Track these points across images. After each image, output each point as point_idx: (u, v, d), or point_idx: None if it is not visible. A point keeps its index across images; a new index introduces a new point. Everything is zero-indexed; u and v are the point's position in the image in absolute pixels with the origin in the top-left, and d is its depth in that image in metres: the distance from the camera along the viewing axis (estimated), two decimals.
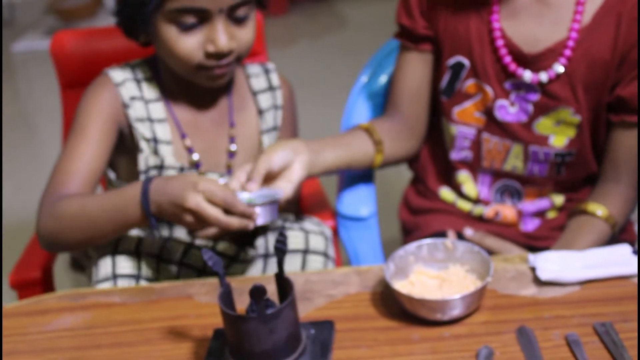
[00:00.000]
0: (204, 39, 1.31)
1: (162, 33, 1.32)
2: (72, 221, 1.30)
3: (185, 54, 1.32)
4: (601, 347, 1.04)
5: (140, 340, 1.15)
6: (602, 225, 1.42)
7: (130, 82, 1.41)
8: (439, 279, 1.18)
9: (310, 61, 4.10)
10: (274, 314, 1.02)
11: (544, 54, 1.41)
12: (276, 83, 1.50)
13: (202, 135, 1.44)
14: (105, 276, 1.35)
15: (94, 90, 1.41)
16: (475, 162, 1.54)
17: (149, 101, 1.41)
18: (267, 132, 1.48)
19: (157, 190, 1.24)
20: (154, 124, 1.40)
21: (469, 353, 1.06)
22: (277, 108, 1.50)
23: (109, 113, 1.39)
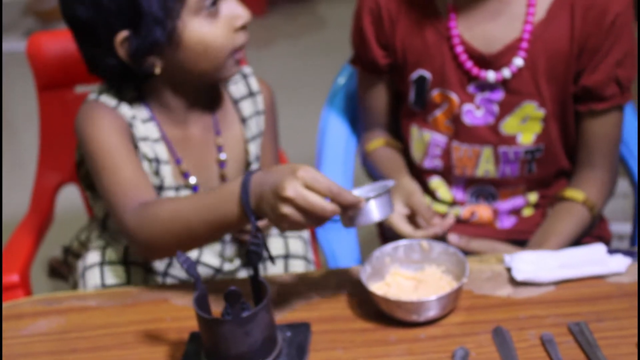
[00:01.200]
0: (227, 18, 1.28)
1: (193, 33, 1.25)
2: (165, 226, 1.20)
3: (222, 41, 1.28)
4: (575, 347, 1.05)
5: (115, 344, 1.15)
6: (580, 209, 1.46)
7: (123, 103, 1.34)
8: (415, 280, 1.19)
9: (290, 61, 4.10)
10: (249, 317, 1.02)
11: (502, 52, 1.43)
12: (255, 88, 1.48)
13: (192, 150, 1.40)
14: (94, 287, 1.34)
15: (93, 114, 1.33)
16: (447, 171, 1.56)
17: (143, 121, 1.36)
18: (252, 139, 1.46)
19: (257, 182, 1.11)
20: (154, 144, 1.36)
21: (445, 354, 1.06)
22: (259, 114, 1.48)
23: (121, 128, 1.32)
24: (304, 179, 1.05)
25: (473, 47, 1.44)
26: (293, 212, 1.05)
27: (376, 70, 1.57)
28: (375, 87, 1.60)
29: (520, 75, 1.44)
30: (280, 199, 1.05)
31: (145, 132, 1.34)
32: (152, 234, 1.21)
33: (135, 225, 1.23)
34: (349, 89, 1.75)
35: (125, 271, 1.36)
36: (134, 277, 1.37)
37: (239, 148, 1.45)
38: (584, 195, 1.46)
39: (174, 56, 1.28)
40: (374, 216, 1.10)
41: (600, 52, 1.41)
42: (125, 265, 1.37)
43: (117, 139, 1.30)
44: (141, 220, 1.22)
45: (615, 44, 1.40)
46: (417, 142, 1.56)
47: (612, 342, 1.04)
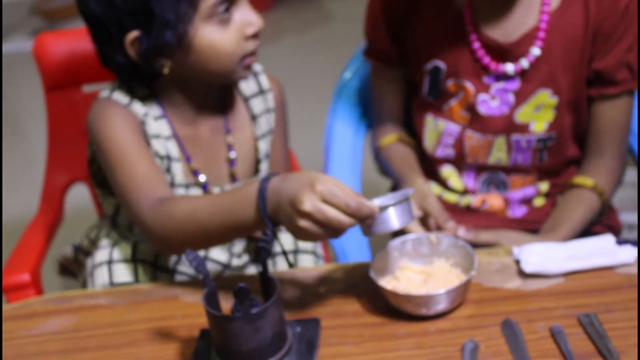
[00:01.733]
0: (239, 25, 1.27)
1: (204, 39, 1.25)
2: (180, 225, 1.20)
3: (232, 48, 1.27)
4: (585, 338, 1.05)
5: (126, 342, 1.15)
6: (590, 195, 1.48)
7: (135, 100, 1.34)
8: (423, 274, 1.19)
9: (296, 56, 4.10)
10: (259, 314, 1.02)
11: (519, 41, 1.44)
12: (266, 86, 1.47)
13: (203, 148, 1.40)
14: (103, 285, 1.35)
15: (106, 111, 1.33)
16: (459, 159, 1.56)
17: (155, 118, 1.36)
18: (263, 137, 1.46)
19: (274, 189, 1.09)
20: (165, 142, 1.36)
21: (454, 347, 1.06)
22: (269, 111, 1.48)
23: (134, 126, 1.32)
24: (322, 193, 1.03)
25: (490, 37, 1.44)
26: (311, 226, 1.04)
27: (390, 61, 1.57)
28: (389, 78, 1.60)
29: (537, 64, 1.44)
30: (298, 212, 1.04)
31: (157, 130, 1.35)
32: (167, 231, 1.21)
33: (152, 220, 1.22)
34: (355, 84, 1.75)
35: (133, 269, 1.37)
36: (143, 274, 1.38)
37: (249, 146, 1.45)
38: (592, 182, 1.48)
39: (183, 59, 1.28)
40: (393, 224, 1.08)
41: (613, 37, 1.42)
42: (134, 263, 1.37)
43: (130, 135, 1.30)
44: (157, 215, 1.22)
45: (628, 29, 1.41)
46: (430, 131, 1.57)
47: (622, 333, 1.04)
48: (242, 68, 1.32)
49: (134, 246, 1.39)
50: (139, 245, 1.39)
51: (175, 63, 1.29)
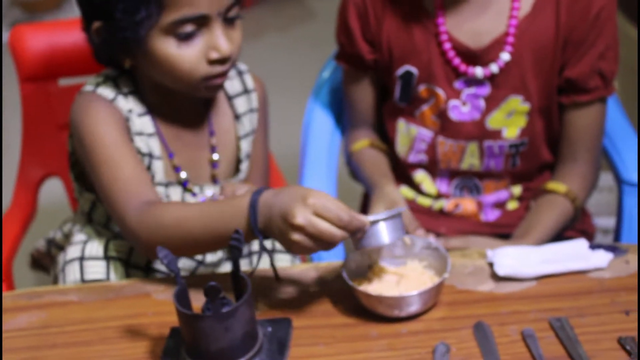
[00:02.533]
0: (204, 47, 1.25)
1: (159, 50, 1.24)
2: (168, 231, 1.19)
3: (189, 66, 1.25)
4: (556, 342, 1.05)
5: (96, 339, 1.14)
6: (562, 201, 1.47)
7: (119, 96, 1.33)
8: (396, 275, 1.18)
9: (278, 54, 4.08)
10: (229, 313, 1.01)
11: (489, 47, 1.44)
12: (250, 85, 1.46)
13: (186, 148, 1.40)
14: (74, 282, 1.33)
15: (90, 106, 1.31)
16: (432, 164, 1.56)
17: (139, 115, 1.35)
18: (245, 137, 1.45)
19: (265, 203, 1.10)
20: (148, 139, 1.35)
21: (425, 349, 1.06)
22: (252, 111, 1.47)
23: (119, 122, 1.31)
24: (314, 207, 1.04)
25: (461, 42, 1.44)
26: (303, 239, 1.05)
27: (362, 66, 1.56)
28: (361, 83, 1.60)
29: (507, 70, 1.44)
30: (291, 226, 1.05)
31: (140, 127, 1.34)
32: (153, 237, 1.19)
33: (138, 225, 1.21)
34: (333, 83, 1.75)
35: (105, 266, 1.35)
36: (115, 272, 1.36)
37: (231, 145, 1.45)
38: (566, 188, 1.48)
39: (143, 61, 1.28)
40: (383, 239, 1.09)
41: (584, 45, 1.42)
42: (106, 261, 1.36)
43: (116, 133, 1.29)
44: (144, 220, 1.21)
45: (599, 37, 1.41)
46: (403, 136, 1.56)
47: (593, 338, 1.05)
48: (204, 88, 1.30)
49: (107, 243, 1.38)
50: (111, 242, 1.38)
51: (136, 63, 1.30)
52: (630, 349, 1.01)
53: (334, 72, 1.74)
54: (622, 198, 1.60)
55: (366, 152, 1.62)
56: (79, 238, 1.41)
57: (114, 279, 1.35)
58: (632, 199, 1.58)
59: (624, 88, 2.87)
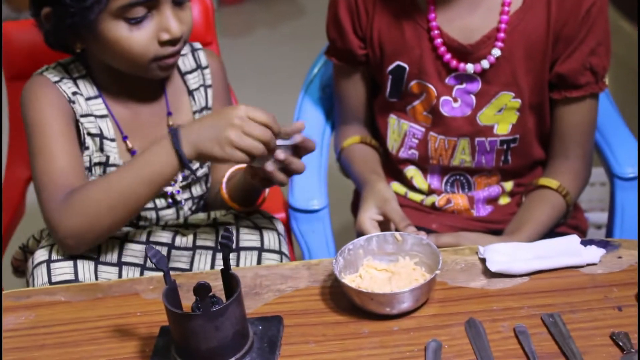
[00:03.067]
0: (154, 29, 1.29)
1: (110, 34, 1.27)
2: (97, 201, 1.24)
3: (140, 49, 1.29)
4: (549, 339, 1.04)
5: (85, 339, 1.13)
6: (554, 196, 1.47)
7: (66, 79, 1.37)
8: (388, 272, 1.17)
9: (267, 50, 4.07)
10: (219, 311, 1.00)
11: (480, 42, 1.43)
12: (204, 62, 1.49)
13: (142, 130, 1.42)
14: (42, 285, 1.31)
15: (36, 91, 1.36)
16: (423, 160, 1.55)
17: (88, 98, 1.38)
18: (199, 112, 1.48)
19: (189, 127, 1.23)
20: (98, 120, 1.38)
21: (417, 347, 1.05)
22: (206, 87, 1.49)
23: (61, 108, 1.34)
24: (247, 108, 1.20)
25: (452, 38, 1.43)
26: (236, 136, 1.18)
27: (353, 62, 1.55)
28: (352, 78, 1.59)
29: (498, 65, 1.43)
30: (228, 123, 1.19)
31: (88, 109, 1.37)
32: (84, 221, 1.25)
33: (61, 214, 1.26)
34: (323, 79, 1.74)
35: (73, 266, 1.33)
36: (83, 271, 1.34)
37: (187, 121, 1.45)
38: (557, 183, 1.47)
39: (94, 45, 1.32)
40: None
41: (575, 41, 1.41)
42: (73, 260, 1.34)
43: (57, 121, 1.33)
44: (68, 206, 1.26)
45: (590, 33, 1.40)
46: (394, 132, 1.55)
47: (585, 334, 1.04)
48: (157, 68, 1.33)
49: None
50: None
51: (87, 46, 1.33)
52: (622, 345, 1.01)
53: (324, 67, 1.73)
54: (614, 192, 1.59)
55: (356, 149, 1.60)
56: (48, 241, 1.40)
57: (84, 279, 1.33)
58: (623, 194, 1.57)
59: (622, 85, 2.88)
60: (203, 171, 1.49)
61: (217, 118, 1.21)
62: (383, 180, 1.51)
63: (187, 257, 1.40)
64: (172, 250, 1.41)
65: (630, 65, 2.98)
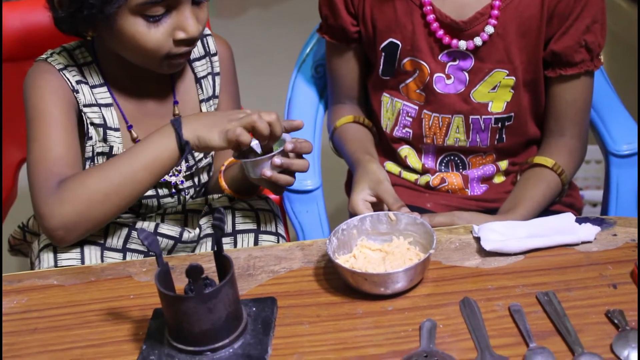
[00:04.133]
0: (171, 27, 1.26)
1: (127, 28, 1.24)
2: (92, 192, 1.22)
3: (155, 46, 1.26)
4: (544, 317, 1.04)
5: (77, 323, 1.12)
6: (549, 174, 1.46)
7: (71, 67, 1.34)
8: (382, 252, 1.17)
9: (260, 30, 4.05)
10: (212, 293, 0.99)
11: (473, 19, 1.42)
12: (213, 49, 1.47)
13: (148, 118, 1.40)
14: (48, 268, 1.30)
15: (39, 77, 1.33)
16: (417, 140, 1.54)
17: (93, 86, 1.35)
18: (207, 100, 1.46)
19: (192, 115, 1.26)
20: (102, 109, 1.35)
21: (412, 327, 1.04)
22: (214, 75, 1.47)
23: (63, 97, 1.32)
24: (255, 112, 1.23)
25: (444, 14, 1.42)
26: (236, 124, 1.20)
27: (346, 39, 1.54)
28: (344, 56, 1.57)
29: (491, 42, 1.42)
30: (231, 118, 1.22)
31: (92, 99, 1.34)
32: (72, 206, 1.22)
33: (51, 203, 1.23)
34: (316, 58, 1.72)
35: (80, 251, 1.33)
36: (90, 256, 1.34)
37: (194, 109, 1.46)
38: (552, 161, 1.46)
39: (106, 36, 1.29)
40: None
41: (570, 18, 1.40)
42: (80, 246, 1.33)
43: (58, 109, 1.30)
44: (60, 194, 1.23)
45: (584, 9, 1.39)
46: (387, 111, 1.54)
47: (580, 312, 1.03)
48: (166, 65, 1.32)
49: None
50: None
51: (100, 35, 1.30)
52: (618, 322, 1.00)
53: (316, 46, 1.71)
54: (609, 170, 1.59)
55: (349, 128, 1.59)
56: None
57: (90, 263, 1.32)
58: (618, 171, 1.57)
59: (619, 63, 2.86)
60: (207, 161, 1.48)
61: (226, 113, 1.24)
62: (376, 161, 1.49)
63: (191, 247, 1.40)
64: (178, 244, 1.40)
65: (627, 42, 2.97)
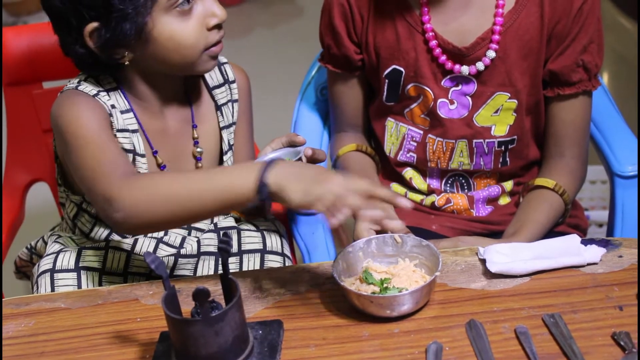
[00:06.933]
0: (202, 16, 1.27)
1: (164, 29, 1.25)
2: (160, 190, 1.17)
3: (193, 39, 1.27)
4: (550, 339, 1.04)
5: (85, 346, 1.13)
6: (551, 195, 1.46)
7: (102, 92, 1.32)
8: (388, 275, 1.17)
9: (266, 51, 4.07)
10: (219, 316, 1.00)
11: (475, 44, 1.42)
12: (231, 76, 1.48)
13: (169, 142, 1.39)
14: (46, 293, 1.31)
15: (72, 102, 1.29)
16: (421, 163, 1.54)
17: (122, 111, 1.34)
18: (227, 127, 1.46)
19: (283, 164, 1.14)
20: (131, 135, 1.34)
21: (418, 349, 1.05)
22: (233, 102, 1.47)
23: (101, 117, 1.29)
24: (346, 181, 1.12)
25: (447, 40, 1.43)
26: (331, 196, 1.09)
27: (349, 67, 1.54)
28: (348, 84, 1.57)
29: (493, 66, 1.43)
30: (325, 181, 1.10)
31: (123, 123, 1.33)
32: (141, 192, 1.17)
33: (121, 186, 1.18)
34: (321, 80, 1.73)
35: (76, 277, 1.33)
36: (87, 282, 1.34)
37: (215, 136, 1.45)
38: (553, 182, 1.46)
39: (144, 50, 1.27)
40: None
41: (567, 38, 1.41)
42: (76, 272, 1.33)
43: (98, 124, 1.27)
44: (130, 181, 1.18)
45: (582, 30, 1.41)
46: (392, 135, 1.54)
47: (586, 334, 1.04)
48: (207, 58, 1.31)
49: (80, 253, 1.35)
50: (85, 251, 1.36)
51: (136, 54, 1.28)
52: (624, 345, 1.00)
53: (321, 70, 1.72)
54: (614, 191, 1.59)
55: (352, 156, 1.59)
56: (53, 249, 1.39)
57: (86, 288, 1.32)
58: (624, 192, 1.57)
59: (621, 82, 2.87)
60: None
61: (317, 171, 1.13)
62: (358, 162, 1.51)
63: (192, 264, 1.40)
64: (179, 258, 1.40)
65: (629, 61, 2.97)
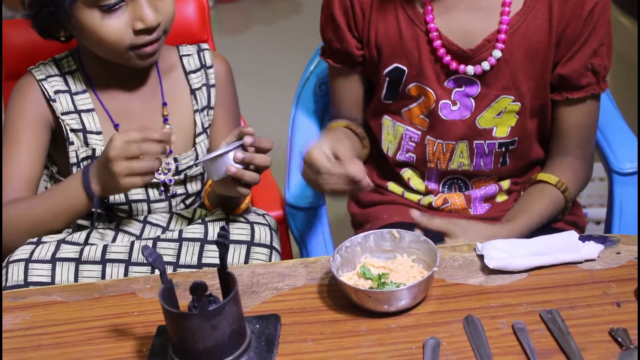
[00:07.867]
0: (129, 18, 1.33)
1: (85, 21, 1.32)
2: (21, 225, 1.36)
3: (115, 37, 1.33)
4: (547, 335, 1.04)
5: (81, 339, 1.12)
6: (553, 190, 1.45)
7: (53, 77, 1.44)
8: (385, 270, 1.17)
9: (265, 47, 4.07)
10: (216, 310, 0.99)
11: (480, 46, 1.40)
12: (209, 61, 1.52)
13: (136, 120, 1.45)
14: (16, 283, 1.30)
15: (19, 91, 1.44)
16: (421, 163, 1.53)
17: (75, 93, 1.44)
18: (201, 111, 1.50)
19: (92, 168, 1.32)
20: (82, 115, 1.43)
21: (415, 344, 1.04)
22: (210, 87, 1.51)
23: (36, 113, 1.42)
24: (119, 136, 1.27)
25: (451, 42, 1.41)
26: (121, 166, 1.26)
27: (350, 62, 1.53)
28: (348, 79, 1.56)
29: (498, 68, 1.41)
30: (108, 160, 1.26)
31: (71, 106, 1.42)
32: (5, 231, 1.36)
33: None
34: (320, 75, 1.73)
35: (51, 269, 1.33)
36: (61, 273, 1.33)
37: (187, 118, 1.50)
38: (556, 178, 1.46)
39: (76, 34, 1.37)
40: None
41: (578, 42, 1.39)
42: (52, 263, 1.33)
43: (26, 124, 1.41)
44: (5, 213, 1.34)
45: (592, 33, 1.39)
46: (389, 134, 1.53)
47: (584, 330, 1.03)
48: (135, 56, 1.37)
49: (57, 245, 1.35)
50: (64, 243, 1.36)
51: (75, 36, 1.39)
52: (621, 341, 1.00)
53: (320, 64, 1.72)
54: (613, 188, 1.59)
55: (339, 130, 1.54)
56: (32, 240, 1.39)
57: (61, 281, 1.32)
58: (622, 189, 1.57)
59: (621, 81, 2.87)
60: (198, 169, 1.49)
61: (102, 157, 1.29)
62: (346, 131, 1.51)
63: (174, 249, 1.39)
64: (158, 242, 1.40)
65: (629, 61, 2.97)
